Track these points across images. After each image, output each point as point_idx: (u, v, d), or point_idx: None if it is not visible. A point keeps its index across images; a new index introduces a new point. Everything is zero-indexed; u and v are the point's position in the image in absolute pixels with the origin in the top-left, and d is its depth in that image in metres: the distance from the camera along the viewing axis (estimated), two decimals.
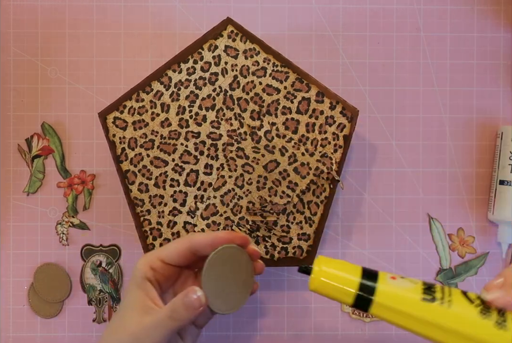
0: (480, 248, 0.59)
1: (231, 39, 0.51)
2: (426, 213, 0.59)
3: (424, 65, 0.59)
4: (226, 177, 0.52)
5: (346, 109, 0.52)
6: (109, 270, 0.58)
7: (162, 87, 0.51)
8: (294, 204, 0.52)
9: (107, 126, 0.51)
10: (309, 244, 0.53)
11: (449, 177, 0.59)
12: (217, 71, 0.51)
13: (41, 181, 0.58)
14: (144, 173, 0.51)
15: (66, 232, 0.58)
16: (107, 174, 0.58)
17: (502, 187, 0.57)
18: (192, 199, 0.52)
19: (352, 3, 0.59)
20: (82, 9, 0.58)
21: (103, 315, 0.58)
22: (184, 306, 0.41)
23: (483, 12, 0.60)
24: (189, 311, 0.41)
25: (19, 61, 0.58)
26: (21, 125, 0.58)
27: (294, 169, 0.52)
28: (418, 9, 0.59)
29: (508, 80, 0.60)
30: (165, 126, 0.51)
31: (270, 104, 0.52)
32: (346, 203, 0.59)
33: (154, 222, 0.52)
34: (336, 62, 0.59)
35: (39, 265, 0.58)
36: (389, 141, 0.59)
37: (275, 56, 0.51)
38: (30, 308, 0.58)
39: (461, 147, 0.59)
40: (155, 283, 0.44)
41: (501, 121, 0.59)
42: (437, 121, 0.59)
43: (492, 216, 0.58)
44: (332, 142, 0.52)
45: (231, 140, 0.52)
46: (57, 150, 0.58)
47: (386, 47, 0.59)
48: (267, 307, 0.59)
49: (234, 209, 0.52)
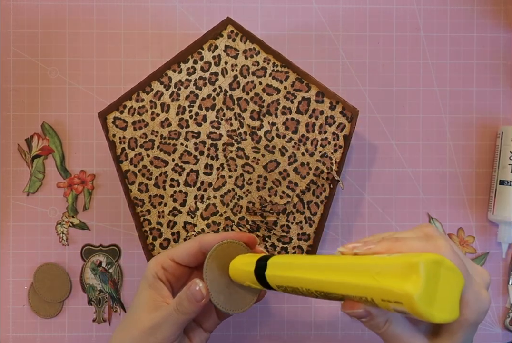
0: (480, 248, 0.59)
1: (231, 39, 0.51)
2: (426, 213, 0.59)
3: (424, 65, 0.59)
4: (226, 176, 0.52)
5: (346, 109, 0.52)
6: (109, 270, 0.58)
7: (162, 87, 0.51)
8: (294, 204, 0.52)
9: (107, 126, 0.51)
10: (309, 244, 0.53)
11: (449, 177, 0.59)
12: (217, 71, 0.51)
13: (41, 181, 0.58)
14: (144, 173, 0.51)
15: (66, 232, 0.58)
16: (107, 174, 0.58)
17: (502, 187, 0.57)
18: (192, 199, 0.52)
19: (352, 3, 0.59)
20: (82, 9, 0.58)
21: (103, 315, 0.58)
22: (187, 298, 0.41)
23: (483, 12, 0.60)
24: (192, 303, 0.41)
25: (19, 61, 0.58)
26: (21, 125, 0.58)
27: (294, 169, 0.52)
28: (418, 9, 0.59)
29: (508, 80, 0.60)
30: (165, 126, 0.51)
31: (270, 104, 0.52)
32: (346, 203, 0.59)
33: (154, 222, 0.52)
34: (336, 62, 0.59)
35: (39, 265, 0.58)
36: (389, 141, 0.59)
37: (275, 56, 0.51)
38: (30, 308, 0.58)
39: (461, 147, 0.59)
40: (167, 283, 0.44)
41: (501, 121, 0.59)
42: (437, 121, 0.59)
43: (492, 216, 0.58)
44: (332, 142, 0.52)
45: (231, 140, 0.52)
46: (57, 150, 0.58)
47: (386, 47, 0.59)
48: (267, 307, 0.59)
49: (234, 209, 0.52)
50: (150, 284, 0.44)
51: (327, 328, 0.59)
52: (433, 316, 0.29)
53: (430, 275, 0.29)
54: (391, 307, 0.30)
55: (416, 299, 0.28)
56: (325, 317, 0.59)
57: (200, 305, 0.41)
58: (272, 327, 0.58)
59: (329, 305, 0.59)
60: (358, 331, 0.59)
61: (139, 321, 0.43)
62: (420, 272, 0.29)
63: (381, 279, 0.30)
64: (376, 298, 0.31)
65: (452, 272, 0.31)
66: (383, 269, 0.30)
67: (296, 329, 0.58)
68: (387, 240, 0.33)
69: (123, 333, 0.44)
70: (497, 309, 0.59)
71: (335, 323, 0.59)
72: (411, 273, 0.29)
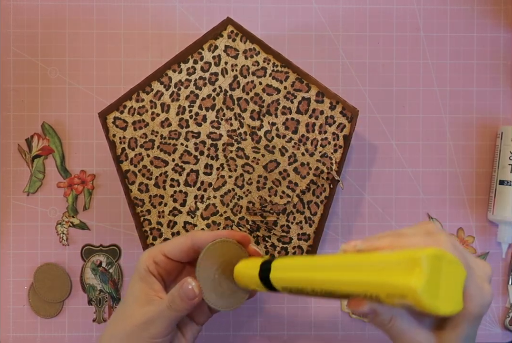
0: (480, 248, 0.59)
1: (231, 39, 0.51)
2: (426, 213, 0.59)
3: (424, 65, 0.59)
4: (226, 177, 0.52)
5: (346, 109, 0.52)
6: (109, 270, 0.58)
7: (162, 87, 0.51)
8: (294, 204, 0.52)
9: (107, 126, 0.51)
10: (309, 244, 0.53)
11: (449, 177, 0.59)
12: (217, 71, 0.51)
13: (41, 181, 0.58)
14: (144, 173, 0.51)
15: (66, 232, 0.58)
16: (107, 174, 0.58)
17: (502, 187, 0.57)
18: (192, 199, 0.52)
19: (352, 3, 0.59)
20: (82, 9, 0.58)
21: (103, 315, 0.58)
22: (180, 297, 0.42)
23: (483, 12, 0.60)
24: (185, 302, 0.42)
25: (19, 61, 0.58)
26: (21, 125, 0.58)
27: (294, 170, 0.52)
28: (418, 9, 0.59)
29: (508, 80, 0.60)
30: (165, 126, 0.51)
31: (270, 104, 0.52)
32: (346, 203, 0.59)
33: (154, 222, 0.52)
34: (336, 62, 0.59)
35: (39, 265, 0.58)
36: (389, 141, 0.59)
37: (275, 56, 0.51)
38: (30, 308, 0.58)
39: (461, 147, 0.59)
40: (158, 277, 0.45)
41: (501, 121, 0.59)
42: (437, 121, 0.59)
43: (492, 216, 0.58)
44: (332, 142, 0.52)
45: (231, 140, 0.52)
46: (57, 150, 0.58)
47: (386, 47, 0.59)
48: (267, 307, 0.59)
49: (234, 209, 0.52)
50: (142, 278, 0.44)
51: (327, 328, 0.59)
52: (438, 308, 0.30)
53: (432, 268, 0.30)
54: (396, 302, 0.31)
55: (420, 291, 0.29)
56: (325, 317, 0.59)
57: (193, 303, 0.42)
58: (272, 327, 0.58)
59: (329, 305, 0.59)
60: (358, 331, 0.59)
61: (131, 315, 0.43)
62: (422, 266, 0.29)
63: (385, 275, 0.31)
64: (381, 294, 0.31)
65: (453, 265, 0.31)
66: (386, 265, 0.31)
67: (296, 329, 0.58)
68: (389, 236, 0.34)
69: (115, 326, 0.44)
70: (497, 309, 0.59)
71: (335, 323, 0.59)
72: (414, 267, 0.30)
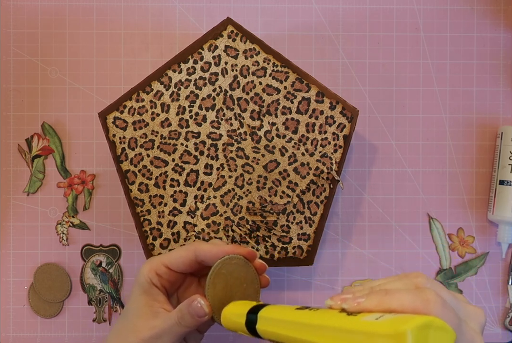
0: (480, 248, 0.59)
1: (231, 39, 0.51)
2: (426, 213, 0.59)
3: (424, 65, 0.59)
4: (226, 177, 0.52)
5: (346, 109, 0.52)
6: (109, 270, 0.58)
7: (162, 87, 0.51)
8: (294, 204, 0.52)
9: (107, 126, 0.51)
10: (309, 244, 0.53)
11: (449, 177, 0.59)
12: (217, 71, 0.51)
13: (41, 181, 0.58)
14: (144, 173, 0.51)
15: (66, 232, 0.58)
16: (107, 174, 0.58)
17: (502, 187, 0.57)
18: (192, 199, 0.52)
19: (352, 3, 0.59)
20: (82, 9, 0.58)
21: (103, 315, 0.58)
22: (190, 314, 0.42)
23: (483, 12, 0.60)
24: (195, 319, 0.42)
25: (19, 61, 0.58)
26: (21, 125, 0.58)
27: (294, 170, 0.52)
28: (418, 9, 0.59)
29: (508, 80, 0.60)
30: (165, 126, 0.51)
31: (270, 104, 0.52)
32: (346, 203, 0.59)
33: (154, 222, 0.52)
34: (336, 62, 0.59)
35: (39, 265, 0.58)
36: (389, 141, 0.59)
37: (275, 56, 0.51)
38: (30, 308, 0.58)
39: (461, 147, 0.59)
40: (162, 288, 0.44)
41: (501, 121, 0.60)
42: (437, 121, 0.59)
43: (492, 216, 0.58)
44: (332, 142, 0.52)
45: (231, 140, 0.52)
46: (57, 150, 0.58)
47: (386, 47, 0.59)
48: None
49: (234, 209, 0.52)
50: (145, 290, 0.44)
51: None
52: None
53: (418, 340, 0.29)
54: None
55: None
56: None
57: (203, 320, 0.42)
58: None
59: None
60: None
61: (136, 329, 0.43)
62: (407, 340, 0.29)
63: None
64: None
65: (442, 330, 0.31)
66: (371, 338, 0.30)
67: None
68: (376, 294, 0.33)
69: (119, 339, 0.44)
70: (497, 309, 0.59)
71: None
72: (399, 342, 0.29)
